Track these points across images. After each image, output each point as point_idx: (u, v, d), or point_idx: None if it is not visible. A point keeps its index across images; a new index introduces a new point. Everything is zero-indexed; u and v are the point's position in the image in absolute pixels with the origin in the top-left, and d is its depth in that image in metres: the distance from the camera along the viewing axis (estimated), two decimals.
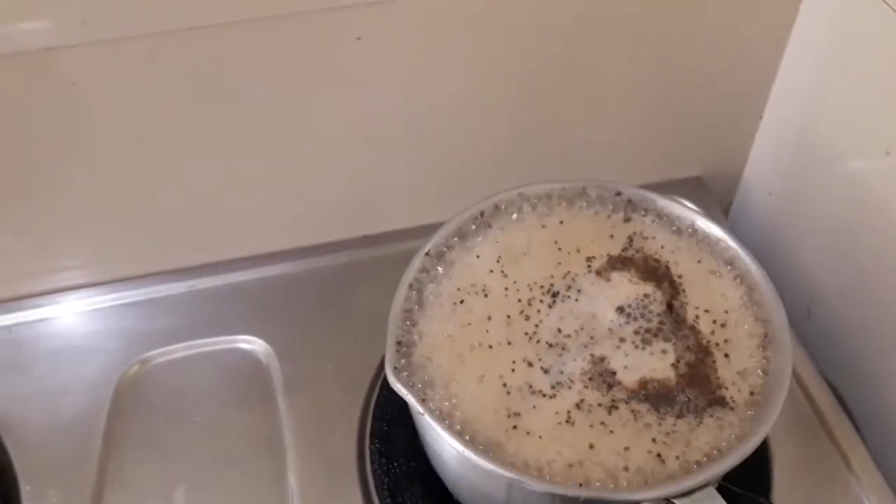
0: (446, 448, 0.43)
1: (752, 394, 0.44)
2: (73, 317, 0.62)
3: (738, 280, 0.49)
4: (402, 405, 0.52)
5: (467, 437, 0.41)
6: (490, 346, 0.46)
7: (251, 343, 0.60)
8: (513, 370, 0.45)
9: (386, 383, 0.56)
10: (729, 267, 0.49)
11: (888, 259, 0.57)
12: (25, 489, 0.53)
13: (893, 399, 0.57)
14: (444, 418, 0.42)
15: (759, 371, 0.45)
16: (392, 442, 0.54)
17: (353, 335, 0.60)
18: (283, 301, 0.63)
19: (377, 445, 0.54)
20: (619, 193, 0.52)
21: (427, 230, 0.50)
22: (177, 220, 0.63)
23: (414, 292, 0.48)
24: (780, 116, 0.67)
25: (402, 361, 0.44)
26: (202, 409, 0.57)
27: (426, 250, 0.49)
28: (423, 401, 0.42)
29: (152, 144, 0.57)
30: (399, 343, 0.45)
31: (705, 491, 0.38)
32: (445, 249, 0.50)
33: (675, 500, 0.38)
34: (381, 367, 0.58)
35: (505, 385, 0.44)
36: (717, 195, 0.71)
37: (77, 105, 0.53)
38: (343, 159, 0.62)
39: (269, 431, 0.55)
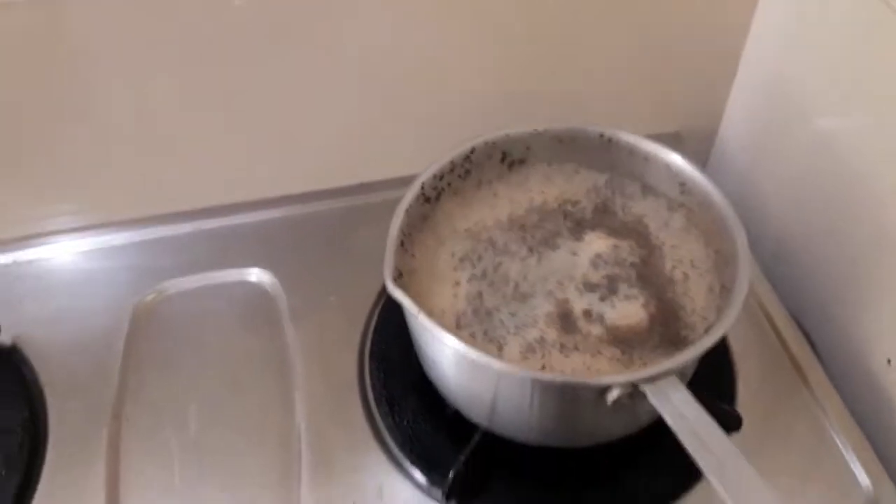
0: (439, 347, 0.48)
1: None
2: (89, 254, 0.67)
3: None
4: (399, 328, 0.57)
5: None
6: (457, 283, 0.52)
7: (258, 276, 0.65)
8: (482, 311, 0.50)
9: (384, 310, 0.61)
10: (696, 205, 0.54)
11: (849, 208, 0.62)
12: (51, 400, 0.57)
13: (852, 331, 0.62)
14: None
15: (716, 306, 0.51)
16: (389, 361, 0.59)
17: (352, 271, 0.65)
18: (287, 240, 0.68)
19: (376, 364, 0.59)
20: (602, 135, 0.57)
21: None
22: (183, 165, 0.68)
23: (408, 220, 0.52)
24: (752, 74, 0.72)
25: (399, 274, 0.49)
26: (214, 335, 0.61)
27: (421, 182, 0.54)
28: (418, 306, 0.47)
29: (154, 93, 0.62)
30: (396, 259, 0.50)
31: (669, 379, 0.43)
32: (437, 184, 0.55)
33: (641, 386, 0.43)
34: (380, 297, 0.63)
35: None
36: (693, 151, 0.76)
37: (81, 52, 0.58)
38: (340, 108, 0.67)
39: (276, 355, 0.60)
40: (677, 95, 0.74)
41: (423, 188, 0.54)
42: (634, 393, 0.43)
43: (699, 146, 0.78)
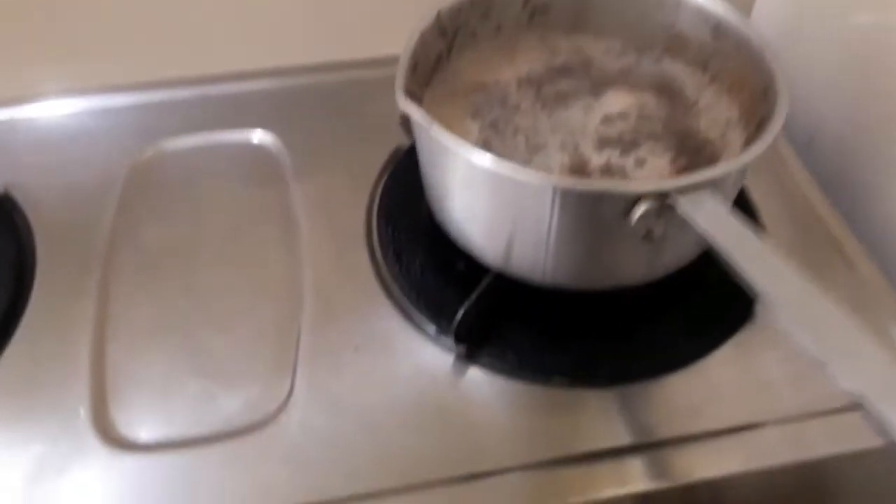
0: (452, 163, 0.44)
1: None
2: (89, 114, 0.64)
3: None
4: (409, 188, 0.55)
5: None
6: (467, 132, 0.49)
7: (262, 136, 0.62)
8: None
9: (393, 174, 0.58)
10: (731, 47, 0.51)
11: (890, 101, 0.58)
12: (40, 244, 0.54)
13: (887, 211, 0.59)
14: None
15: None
16: (398, 217, 0.55)
17: (361, 139, 0.62)
18: (294, 107, 0.65)
19: (384, 220, 0.55)
20: None
21: None
22: (191, 29, 0.65)
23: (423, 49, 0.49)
24: None
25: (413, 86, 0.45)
26: (214, 188, 0.58)
27: (438, 10, 0.51)
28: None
29: None
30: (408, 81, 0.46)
31: (703, 191, 0.40)
32: (456, 18, 0.52)
33: (672, 195, 0.39)
34: (389, 161, 0.60)
35: None
36: None
37: None
38: None
39: (279, 208, 0.57)
40: None
41: (439, 17, 0.50)
42: (664, 208, 0.40)
43: None
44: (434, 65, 0.52)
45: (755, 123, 0.48)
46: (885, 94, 0.59)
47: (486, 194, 0.44)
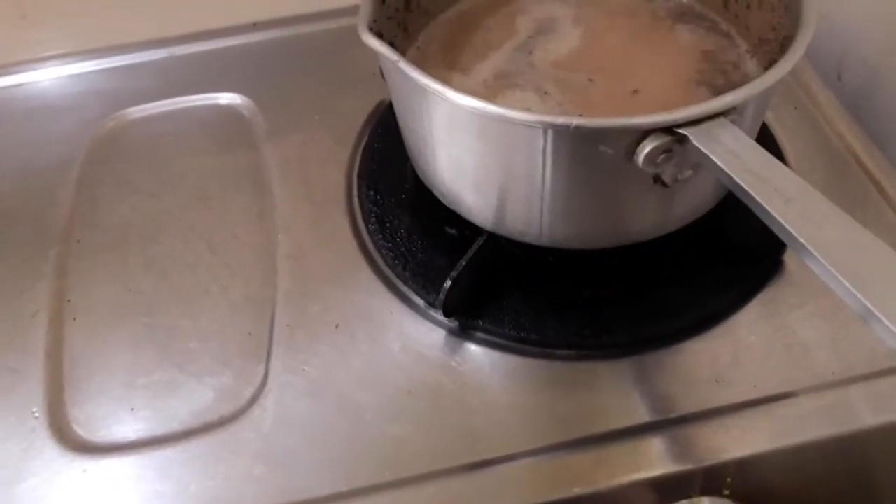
0: (431, 111, 0.38)
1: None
2: (50, 82, 0.60)
3: None
4: (392, 149, 0.49)
5: None
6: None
7: (232, 99, 0.56)
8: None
9: (375, 131, 0.53)
10: None
11: None
12: None
13: None
14: None
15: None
16: (380, 180, 0.50)
17: (339, 93, 0.57)
18: (267, 64, 0.59)
19: (366, 182, 0.50)
20: None
21: None
22: None
23: None
24: None
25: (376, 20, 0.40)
26: (179, 156, 0.53)
27: None
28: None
29: None
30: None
31: (717, 121, 0.34)
32: None
33: (682, 131, 0.33)
34: (370, 118, 0.55)
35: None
36: None
37: None
38: None
39: (251, 174, 0.52)
40: None
41: None
42: (673, 145, 0.34)
43: None
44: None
45: (777, 45, 0.42)
46: None
47: (470, 141, 0.38)
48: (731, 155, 0.32)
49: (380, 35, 0.39)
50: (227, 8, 0.61)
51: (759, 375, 0.40)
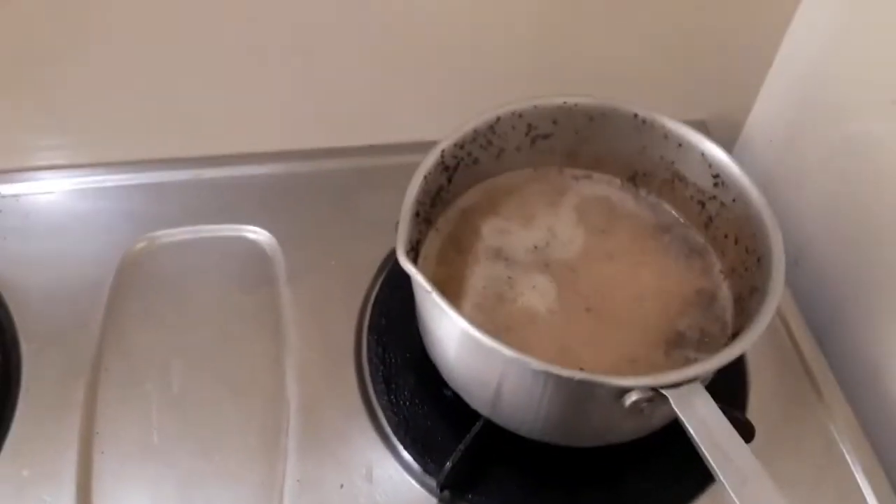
0: (448, 329, 0.44)
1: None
2: (80, 193, 0.63)
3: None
4: (402, 301, 0.55)
5: None
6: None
7: (256, 233, 0.61)
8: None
9: (386, 281, 0.58)
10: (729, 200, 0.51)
11: (880, 216, 0.59)
12: (26, 347, 0.54)
13: (869, 339, 0.60)
14: None
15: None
16: (389, 335, 0.56)
17: (356, 236, 0.61)
18: (289, 197, 0.64)
19: (375, 337, 0.56)
20: (636, 115, 0.53)
21: (432, 145, 0.50)
22: (186, 107, 0.63)
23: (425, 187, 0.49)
24: (788, 68, 0.68)
25: (413, 246, 0.45)
26: (204, 290, 0.58)
27: (441, 149, 0.50)
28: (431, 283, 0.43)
29: (164, 31, 0.57)
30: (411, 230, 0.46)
31: (693, 386, 0.40)
32: (458, 153, 0.52)
33: (664, 392, 0.40)
34: (383, 266, 0.60)
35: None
36: (718, 140, 0.73)
37: None
38: (354, 63, 0.63)
39: (269, 316, 0.57)
40: (708, 83, 0.71)
41: (443, 155, 0.50)
42: (655, 397, 0.41)
43: (724, 137, 0.75)
44: (434, 196, 0.51)
45: (747, 287, 0.49)
46: (872, 210, 0.60)
47: (480, 362, 0.45)
48: (702, 424, 0.39)
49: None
50: (252, 134, 0.66)
51: None
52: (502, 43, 0.64)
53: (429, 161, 0.49)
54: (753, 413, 0.54)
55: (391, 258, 0.60)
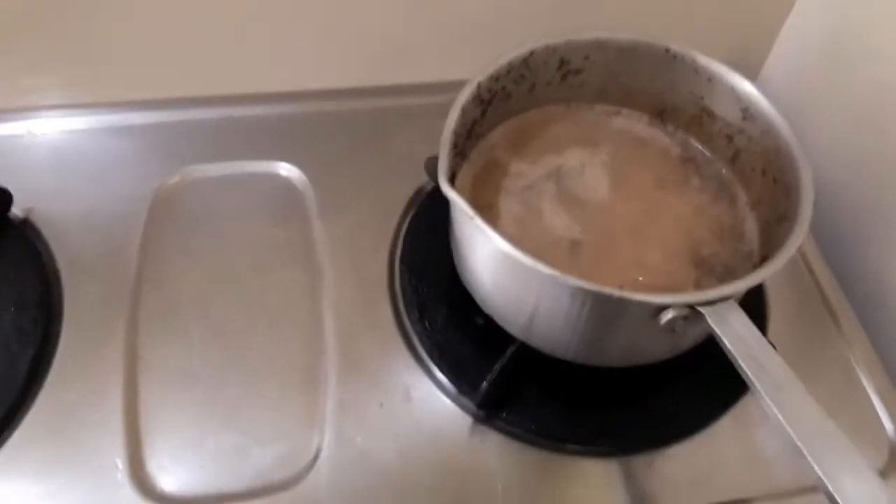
0: (488, 252, 0.46)
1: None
2: (113, 130, 0.63)
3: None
4: (432, 233, 0.56)
5: None
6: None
7: (287, 169, 0.62)
8: None
9: (416, 215, 0.59)
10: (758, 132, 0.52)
11: None
12: (66, 278, 0.55)
13: (885, 271, 0.62)
14: None
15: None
16: (420, 266, 0.57)
17: (386, 172, 0.62)
18: (320, 135, 0.65)
19: (406, 268, 0.57)
20: (667, 50, 0.54)
21: (458, 85, 0.50)
22: (211, 47, 0.63)
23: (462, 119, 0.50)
24: (809, 9, 0.69)
25: (452, 175, 0.46)
26: (237, 223, 0.59)
27: (478, 81, 0.51)
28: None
29: None
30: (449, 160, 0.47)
31: (728, 303, 0.42)
32: (493, 85, 0.52)
33: (699, 308, 0.42)
34: (412, 201, 0.61)
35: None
36: None
37: None
38: (383, 5, 0.63)
39: (302, 248, 0.58)
40: (728, 21, 0.71)
41: (479, 88, 0.51)
42: (691, 315, 0.42)
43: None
44: (469, 129, 0.52)
45: (774, 215, 0.50)
46: (884, 154, 0.62)
47: (518, 283, 0.46)
48: (738, 339, 0.40)
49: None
50: (282, 73, 0.66)
51: (726, 481, 0.50)
52: None
53: (465, 93, 0.50)
54: (772, 339, 0.56)
55: (420, 193, 0.61)
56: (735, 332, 0.41)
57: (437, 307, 0.55)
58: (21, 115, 0.63)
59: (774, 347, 0.50)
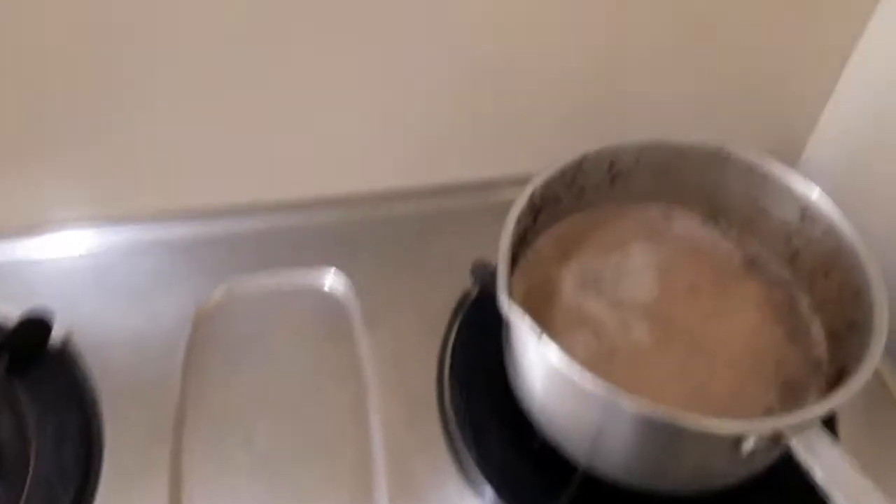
0: (552, 375, 0.44)
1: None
2: (151, 246, 0.62)
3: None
4: (482, 343, 0.54)
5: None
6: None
7: (331, 278, 0.61)
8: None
9: (464, 324, 0.58)
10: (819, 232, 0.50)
11: None
12: (107, 408, 0.53)
13: None
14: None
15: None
16: (471, 380, 0.55)
17: (431, 279, 0.61)
18: (362, 241, 0.63)
19: (457, 383, 0.54)
20: (720, 150, 0.52)
21: (500, 183, 0.49)
22: (253, 154, 0.62)
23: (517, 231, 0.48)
24: (851, 94, 0.68)
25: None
26: (282, 340, 0.57)
27: (531, 189, 0.50)
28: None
29: (225, 77, 0.56)
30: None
31: (816, 430, 0.39)
32: (545, 192, 0.51)
33: (787, 436, 0.39)
34: (458, 308, 0.59)
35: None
36: None
37: (152, 31, 0.53)
38: (425, 102, 0.62)
39: (349, 364, 0.56)
40: (768, 113, 0.70)
41: (532, 197, 0.50)
42: (773, 442, 0.39)
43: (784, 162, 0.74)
44: (521, 237, 0.51)
45: (842, 320, 0.48)
46: None
47: (586, 409, 0.44)
48: (832, 471, 0.38)
49: None
50: (320, 176, 0.65)
51: None
52: (560, 81, 0.63)
53: (520, 204, 0.49)
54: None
55: (465, 300, 0.60)
56: (827, 464, 0.38)
57: (490, 426, 0.52)
58: (57, 230, 0.62)
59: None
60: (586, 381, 0.40)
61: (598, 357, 0.48)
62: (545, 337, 0.41)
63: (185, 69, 0.55)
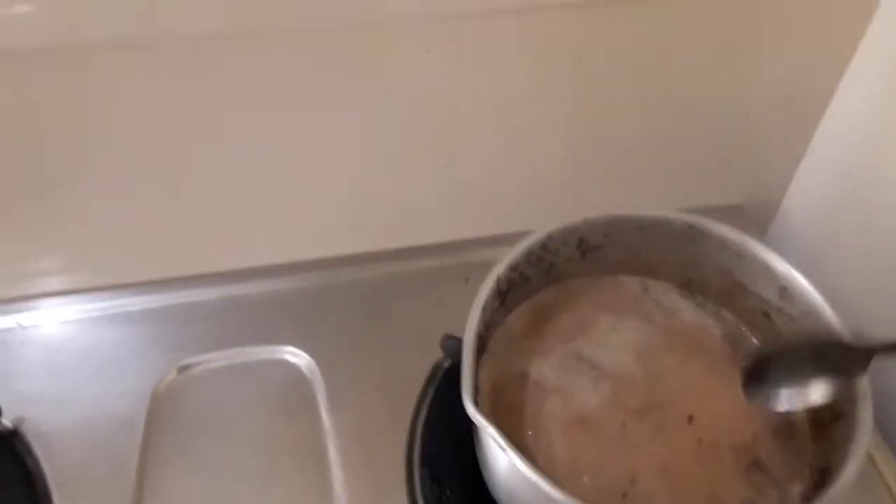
0: (524, 488, 0.41)
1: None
2: (104, 320, 0.60)
3: None
4: (451, 427, 0.52)
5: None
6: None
7: (291, 354, 0.58)
8: None
9: (434, 403, 0.55)
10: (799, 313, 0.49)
11: None
12: (58, 498, 0.50)
13: None
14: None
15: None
16: (442, 466, 0.52)
17: (394, 349, 0.59)
18: (322, 311, 0.61)
19: (427, 472, 0.52)
20: (690, 226, 0.51)
21: (463, 245, 0.47)
22: (206, 224, 0.61)
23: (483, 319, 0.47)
24: (826, 150, 0.67)
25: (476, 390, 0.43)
26: (242, 422, 0.55)
27: (496, 275, 0.48)
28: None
29: (179, 148, 0.55)
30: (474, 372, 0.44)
31: None
32: (510, 275, 0.49)
33: None
34: (427, 384, 0.57)
35: None
36: (755, 223, 0.71)
37: (104, 109, 0.51)
38: (379, 168, 0.60)
39: (312, 448, 0.54)
40: (743, 169, 0.69)
41: (498, 282, 0.48)
42: None
43: (760, 218, 0.73)
44: (488, 321, 0.49)
45: (826, 411, 0.46)
46: None
47: None
48: None
49: None
50: (277, 244, 0.63)
51: None
52: (525, 151, 0.62)
53: (484, 291, 0.47)
54: None
55: (434, 375, 0.57)
56: None
57: None
58: (9, 305, 0.60)
59: None
60: (552, 492, 0.38)
61: (568, 427, 0.47)
62: (510, 451, 0.39)
63: (135, 146, 0.53)
